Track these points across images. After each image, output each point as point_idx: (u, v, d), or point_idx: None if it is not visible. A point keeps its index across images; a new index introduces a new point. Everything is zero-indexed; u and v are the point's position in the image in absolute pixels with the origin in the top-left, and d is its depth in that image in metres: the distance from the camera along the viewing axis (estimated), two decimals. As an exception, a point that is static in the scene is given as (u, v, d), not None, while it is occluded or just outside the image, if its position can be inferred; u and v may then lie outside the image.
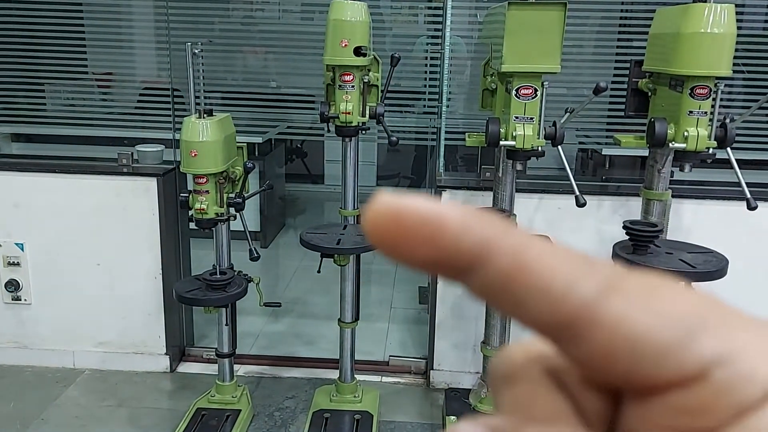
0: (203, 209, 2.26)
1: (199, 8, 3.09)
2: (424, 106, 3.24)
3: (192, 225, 2.42)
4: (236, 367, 2.78)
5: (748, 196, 1.99)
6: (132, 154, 2.86)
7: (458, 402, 2.65)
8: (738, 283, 2.36)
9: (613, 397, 0.20)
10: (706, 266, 2.00)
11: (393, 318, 3.60)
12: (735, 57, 2.72)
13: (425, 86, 3.25)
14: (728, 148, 2.00)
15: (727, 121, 2.00)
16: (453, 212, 0.20)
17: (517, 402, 0.21)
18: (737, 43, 2.81)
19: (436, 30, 3.02)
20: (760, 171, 2.96)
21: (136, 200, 2.82)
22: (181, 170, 2.32)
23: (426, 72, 3.28)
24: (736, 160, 2.04)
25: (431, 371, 2.96)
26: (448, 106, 2.90)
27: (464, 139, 2.40)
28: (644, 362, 0.18)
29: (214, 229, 2.42)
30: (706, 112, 1.95)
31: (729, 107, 2.85)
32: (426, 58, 3.32)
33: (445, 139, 2.87)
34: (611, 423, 0.21)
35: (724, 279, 2.03)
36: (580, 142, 3.44)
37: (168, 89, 2.96)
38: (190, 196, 2.30)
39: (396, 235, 0.20)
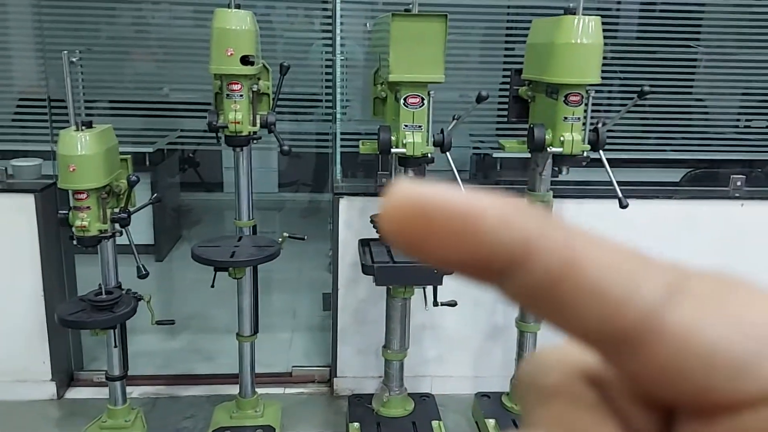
0: (85, 226, 2.15)
1: (79, 14, 2.93)
2: (323, 113, 3.23)
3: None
4: (130, 389, 2.66)
5: (620, 195, 2.13)
6: (6, 169, 2.67)
7: (361, 408, 2.66)
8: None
9: (665, 415, 0.18)
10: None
11: (296, 327, 3.57)
12: (611, 64, 2.93)
13: (322, 93, 3.25)
14: (600, 151, 2.13)
15: (599, 125, 2.14)
16: (490, 204, 0.17)
17: (555, 421, 0.18)
18: (613, 50, 3.03)
19: (331, 37, 3.03)
20: (633, 169, 3.17)
21: (12, 218, 2.64)
22: (58, 186, 2.19)
23: (322, 79, 3.28)
24: (609, 160, 2.18)
25: (335, 379, 2.96)
26: (344, 113, 2.91)
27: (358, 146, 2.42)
28: (716, 379, 0.16)
29: (98, 246, 2.30)
30: (579, 118, 2.07)
31: (608, 111, 3.04)
32: (322, 65, 3.32)
33: (343, 145, 2.87)
34: None
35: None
36: (475, 147, 3.56)
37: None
38: (70, 213, 2.17)
39: (421, 233, 0.17)
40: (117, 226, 2.26)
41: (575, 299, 0.17)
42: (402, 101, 2.13)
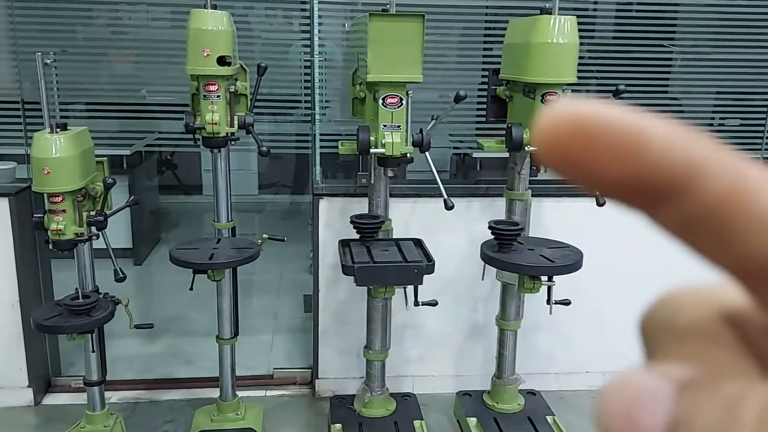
0: (60, 230, 2.12)
1: (53, 16, 2.89)
2: (302, 114, 3.22)
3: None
4: (109, 394, 2.63)
5: (597, 193, 2.15)
6: (-21, 172, 2.63)
7: (343, 409, 2.65)
8: (593, 274, 2.55)
9: None
10: (564, 260, 2.14)
11: (277, 329, 3.55)
12: (588, 63, 2.95)
13: (301, 93, 3.24)
14: (578, 150, 2.15)
15: (576, 124, 2.16)
16: (657, 125, 0.16)
17: (692, 358, 0.18)
18: (590, 50, 3.06)
19: (309, 37, 3.02)
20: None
21: (-14, 222, 2.60)
22: (33, 189, 2.15)
23: (301, 79, 3.27)
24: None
25: (317, 380, 2.95)
26: (324, 114, 2.90)
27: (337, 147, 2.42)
28: None
29: (75, 250, 2.27)
30: (556, 117, 2.08)
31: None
32: (301, 66, 3.31)
33: (323, 146, 2.87)
34: None
35: (581, 270, 2.18)
36: (455, 147, 3.57)
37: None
38: (45, 217, 2.14)
39: (582, 150, 0.16)
40: (93, 229, 2.23)
41: (741, 227, 0.16)
42: (380, 101, 2.13)
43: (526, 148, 2.12)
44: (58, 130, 2.09)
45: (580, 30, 2.08)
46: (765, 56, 2.93)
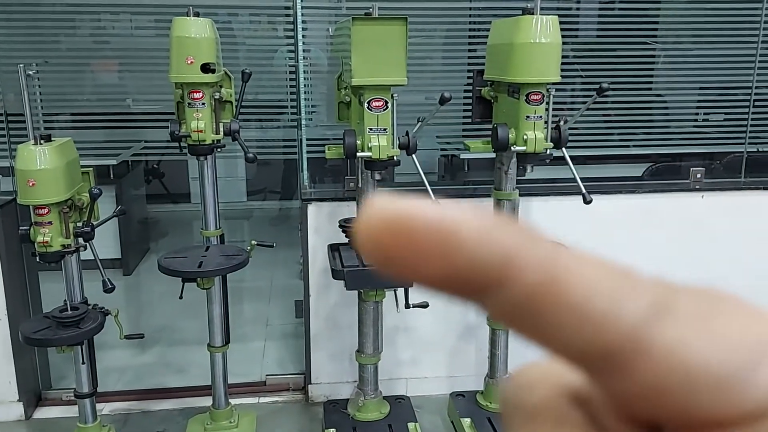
0: (47, 242, 2.10)
1: (35, 26, 2.87)
2: (288, 119, 3.22)
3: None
4: (100, 406, 2.61)
5: (584, 191, 2.17)
6: (-37, 186, 2.61)
7: (337, 414, 2.65)
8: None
9: None
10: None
11: (269, 335, 3.54)
12: (572, 62, 2.97)
13: (287, 99, 3.23)
14: (563, 148, 2.16)
15: (561, 123, 2.17)
16: (469, 218, 0.16)
17: None
18: (574, 49, 3.08)
19: (294, 43, 3.02)
20: (596, 166, 3.23)
21: (-29, 236, 2.57)
22: (18, 202, 2.14)
23: (287, 85, 3.27)
24: (572, 157, 2.22)
25: (309, 385, 2.94)
26: (311, 119, 2.90)
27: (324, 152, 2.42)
28: (701, 397, 0.16)
29: (62, 262, 2.26)
30: (541, 116, 2.10)
31: (572, 109, 3.08)
32: (286, 72, 3.31)
33: (310, 151, 2.87)
34: None
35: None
36: (442, 149, 3.58)
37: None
38: (32, 229, 2.13)
39: (398, 249, 0.16)
40: (80, 240, 2.21)
41: (558, 317, 0.16)
42: (366, 105, 2.13)
43: (512, 147, 2.13)
44: (42, 141, 2.08)
45: (563, 29, 2.09)
46: (746, 51, 2.96)
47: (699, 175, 2.93)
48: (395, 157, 2.21)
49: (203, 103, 2.21)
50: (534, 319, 0.17)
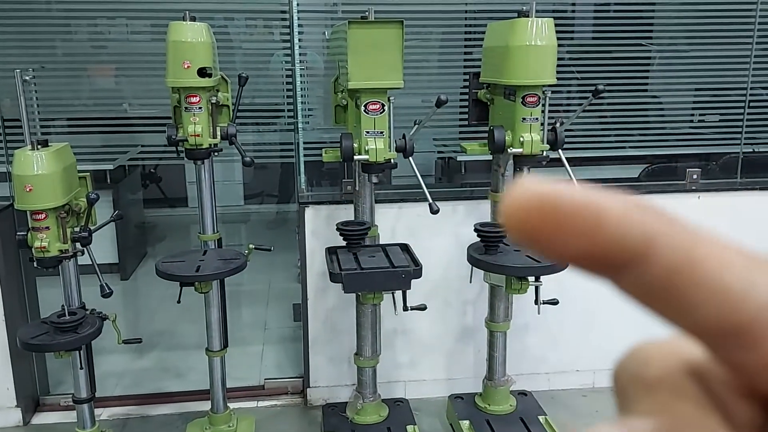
0: (44, 247, 2.10)
1: (32, 32, 2.88)
2: (285, 123, 3.22)
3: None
4: (98, 411, 2.60)
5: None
6: (-40, 191, 2.60)
7: (336, 417, 2.65)
8: (579, 272, 2.56)
9: (767, 409, 0.18)
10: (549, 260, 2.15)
11: (267, 339, 3.54)
12: (568, 64, 2.98)
13: (284, 102, 3.24)
14: (560, 150, 2.17)
15: (557, 125, 2.18)
16: (613, 201, 0.18)
17: (659, 411, 0.19)
18: (570, 51, 3.09)
19: (290, 47, 3.02)
20: (593, 167, 3.23)
21: (-31, 242, 2.57)
22: (15, 207, 2.14)
23: (283, 89, 3.27)
24: (568, 159, 2.22)
25: (308, 389, 2.94)
26: (308, 122, 2.91)
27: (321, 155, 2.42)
28: None
29: (60, 267, 2.26)
30: (537, 118, 2.11)
31: (568, 111, 3.09)
32: (282, 75, 3.31)
33: (307, 154, 2.87)
34: None
35: (568, 269, 2.20)
36: (439, 151, 3.59)
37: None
38: (29, 234, 2.13)
39: (546, 226, 0.18)
40: (78, 245, 2.21)
41: (695, 294, 0.17)
42: (363, 108, 2.14)
43: (508, 150, 2.13)
44: (39, 146, 2.08)
45: (558, 32, 2.10)
46: (741, 52, 2.97)
47: (695, 176, 2.94)
48: (392, 160, 2.21)
49: (200, 108, 2.21)
50: (671, 295, 0.17)
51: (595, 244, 0.17)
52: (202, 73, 2.15)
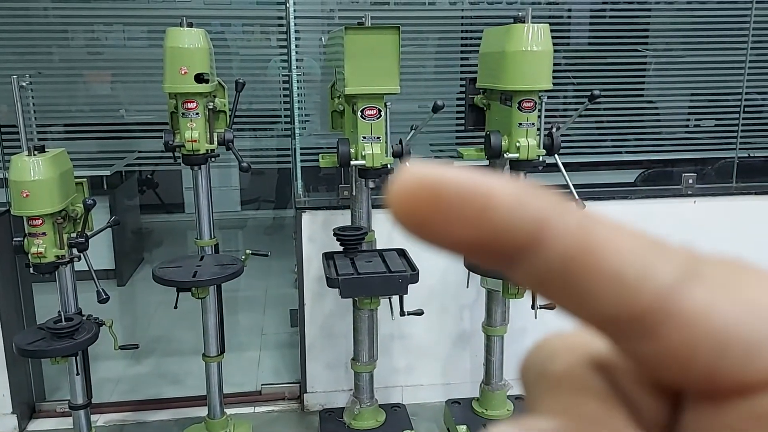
0: (41, 253, 2.10)
1: (29, 38, 2.88)
2: (282, 128, 3.23)
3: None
4: (95, 417, 2.59)
5: (577, 198, 2.18)
6: (-44, 197, 2.60)
7: (333, 423, 2.64)
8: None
9: (674, 400, 0.18)
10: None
11: (264, 344, 3.53)
12: (564, 70, 2.99)
13: (281, 108, 3.24)
14: (556, 155, 2.18)
15: (553, 130, 2.19)
16: (501, 185, 0.16)
17: (563, 409, 0.18)
18: (566, 57, 3.10)
19: (287, 52, 3.03)
20: (589, 172, 3.24)
21: (-35, 248, 2.57)
22: (12, 213, 2.14)
23: (280, 94, 3.28)
24: (565, 164, 2.23)
25: (305, 394, 2.93)
26: (305, 128, 2.91)
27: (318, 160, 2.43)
28: (729, 361, 0.16)
29: (56, 272, 2.25)
30: (533, 124, 2.12)
31: (564, 116, 3.10)
32: (279, 81, 3.32)
33: (304, 160, 2.87)
34: (669, 429, 0.18)
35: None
36: (436, 156, 3.59)
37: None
38: (25, 240, 2.12)
39: (431, 213, 0.16)
40: (75, 251, 2.21)
41: (590, 282, 0.16)
42: (359, 114, 2.14)
43: (505, 155, 2.14)
44: (35, 152, 2.08)
45: (555, 37, 2.11)
46: (736, 58, 2.99)
47: (691, 181, 2.95)
48: (389, 165, 2.22)
49: (197, 113, 2.21)
50: (566, 284, 0.17)
51: (483, 231, 0.16)
52: (199, 78, 2.15)
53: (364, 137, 2.16)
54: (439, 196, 0.16)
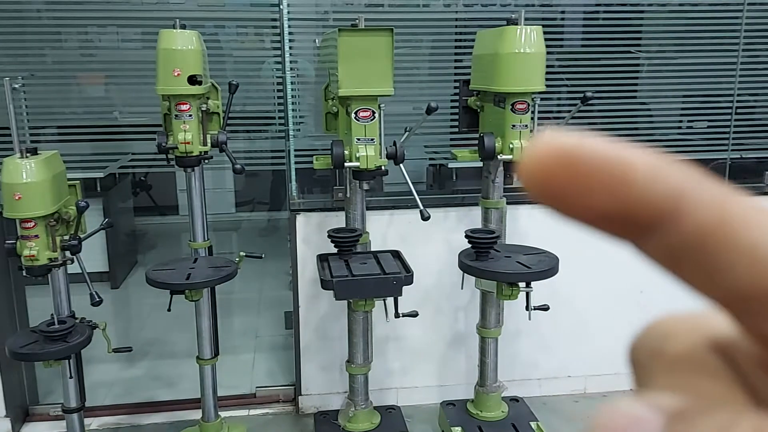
0: (33, 255, 2.09)
1: (21, 40, 2.87)
2: (276, 130, 3.22)
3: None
4: (88, 420, 2.59)
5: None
6: (-52, 200, 2.58)
7: (328, 425, 2.64)
8: (570, 278, 2.58)
9: None
10: (540, 266, 2.17)
11: (259, 347, 3.52)
12: (558, 72, 3.00)
13: (275, 110, 3.24)
14: (549, 157, 2.18)
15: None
16: (641, 156, 0.16)
17: (681, 388, 0.17)
18: (559, 59, 3.11)
19: (281, 54, 3.03)
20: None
21: (-43, 251, 2.55)
22: (4, 215, 2.13)
23: (274, 96, 3.27)
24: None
25: (300, 397, 2.93)
26: (299, 129, 2.91)
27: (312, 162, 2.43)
28: None
29: (49, 275, 2.24)
30: (526, 125, 2.12)
31: (558, 117, 3.11)
32: (273, 83, 3.31)
33: (298, 162, 2.87)
34: None
35: (558, 275, 2.21)
36: (430, 158, 3.59)
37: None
38: (18, 242, 2.11)
39: (567, 182, 0.16)
40: (67, 253, 2.20)
41: (726, 256, 0.16)
42: (353, 115, 2.14)
43: (498, 156, 2.14)
44: (28, 154, 2.07)
45: (548, 39, 2.12)
46: (728, 59, 3.01)
47: (684, 182, 2.95)
48: (383, 167, 2.22)
49: (190, 115, 2.21)
50: (700, 257, 0.16)
51: (621, 201, 0.16)
52: (192, 80, 2.15)
53: (358, 139, 2.16)
54: (577, 164, 0.16)
